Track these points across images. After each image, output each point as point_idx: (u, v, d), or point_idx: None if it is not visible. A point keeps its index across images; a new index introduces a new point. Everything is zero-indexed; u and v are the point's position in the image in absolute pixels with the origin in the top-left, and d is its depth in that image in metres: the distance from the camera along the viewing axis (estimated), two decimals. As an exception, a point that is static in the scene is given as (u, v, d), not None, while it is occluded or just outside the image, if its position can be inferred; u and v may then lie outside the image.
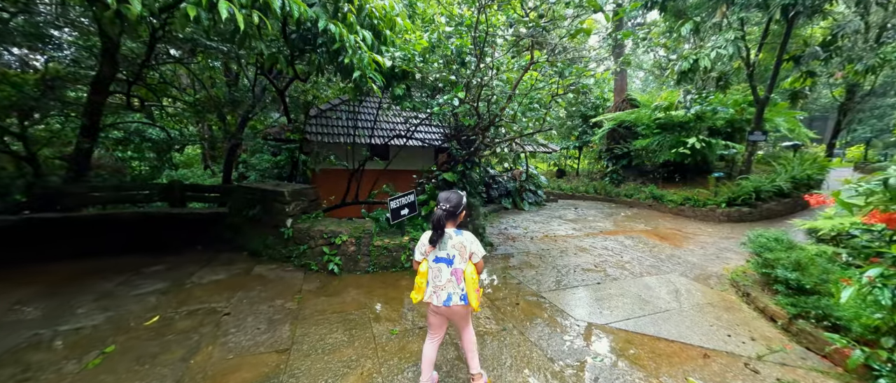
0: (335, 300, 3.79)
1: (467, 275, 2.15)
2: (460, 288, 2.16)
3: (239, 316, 3.36)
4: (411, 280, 4.48)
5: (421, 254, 2.25)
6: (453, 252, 2.17)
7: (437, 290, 2.18)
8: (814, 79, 8.93)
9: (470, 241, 2.20)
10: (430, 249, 2.20)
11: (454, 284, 2.16)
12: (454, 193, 2.28)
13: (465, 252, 2.18)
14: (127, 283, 4.10)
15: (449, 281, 2.17)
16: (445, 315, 2.25)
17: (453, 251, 2.17)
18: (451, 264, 2.17)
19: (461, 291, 2.16)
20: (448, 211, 2.19)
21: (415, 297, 2.26)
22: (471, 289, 2.16)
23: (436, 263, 2.19)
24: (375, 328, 3.24)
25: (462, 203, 2.25)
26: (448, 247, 2.17)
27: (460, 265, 2.17)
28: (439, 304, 2.17)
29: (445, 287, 2.16)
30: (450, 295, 2.16)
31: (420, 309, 3.66)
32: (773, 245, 4.14)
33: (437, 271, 2.19)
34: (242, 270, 4.59)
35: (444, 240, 2.17)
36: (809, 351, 3.05)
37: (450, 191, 2.30)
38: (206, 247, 5.57)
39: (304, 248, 4.65)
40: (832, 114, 22.83)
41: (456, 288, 2.16)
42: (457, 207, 2.21)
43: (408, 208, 5.17)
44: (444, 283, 2.17)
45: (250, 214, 5.11)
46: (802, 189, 8.86)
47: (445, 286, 2.16)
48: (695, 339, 3.23)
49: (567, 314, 3.66)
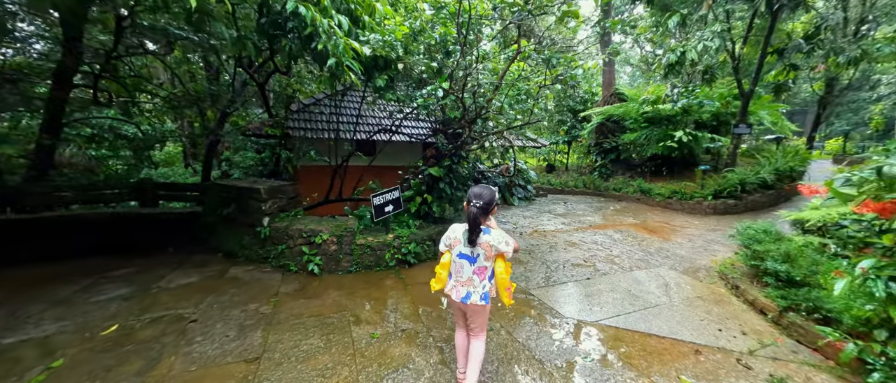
0: (314, 303, 3.58)
1: (498, 273, 2.13)
2: (482, 286, 2.14)
3: (207, 322, 3.13)
4: (396, 279, 4.31)
5: (445, 246, 2.24)
6: (479, 250, 2.11)
7: (457, 285, 2.18)
8: (796, 72, 9.03)
9: (498, 241, 2.11)
10: (457, 243, 2.17)
11: (476, 283, 2.14)
12: (486, 189, 2.16)
13: (491, 251, 2.11)
14: (88, 289, 3.81)
15: (469, 279, 2.14)
16: (462, 309, 2.23)
17: (479, 250, 2.11)
18: (473, 262, 2.13)
19: (482, 290, 2.14)
20: (481, 208, 2.08)
21: (434, 286, 2.23)
22: (501, 288, 2.13)
23: (459, 259, 2.16)
24: (355, 332, 3.05)
25: (494, 199, 2.15)
26: (475, 245, 2.11)
27: (485, 264, 2.13)
28: (458, 299, 2.16)
29: (466, 284, 2.15)
30: (469, 293, 2.14)
31: (403, 310, 3.49)
32: (762, 237, 4.11)
33: (459, 267, 2.17)
34: (216, 272, 4.33)
35: (464, 235, 2.13)
36: (801, 345, 2.99)
37: (481, 187, 2.17)
38: (180, 249, 5.27)
39: (283, 248, 4.42)
40: (811, 109, 23.47)
41: (477, 287, 2.14)
42: (489, 203, 2.11)
43: (392, 205, 4.97)
44: (464, 280, 2.16)
45: (225, 213, 4.83)
46: (785, 181, 8.99)
47: (466, 283, 2.15)
48: (686, 335, 3.15)
49: (556, 312, 3.54)
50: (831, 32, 7.81)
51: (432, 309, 3.50)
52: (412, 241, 4.79)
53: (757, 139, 14.44)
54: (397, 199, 5.07)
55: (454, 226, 2.22)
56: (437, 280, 2.23)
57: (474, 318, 2.22)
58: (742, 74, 8.94)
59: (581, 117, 13.92)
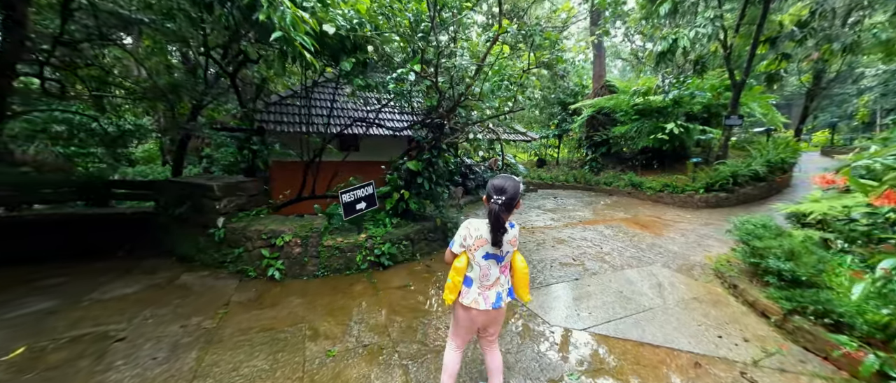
0: (268, 314, 3.16)
1: (518, 267, 1.90)
2: (507, 282, 1.92)
3: (136, 341, 2.68)
4: (368, 284, 3.90)
5: (461, 246, 1.85)
6: (507, 247, 1.84)
7: (485, 291, 1.86)
8: (788, 61, 8.82)
9: (518, 232, 1.90)
10: (482, 243, 1.81)
11: (502, 282, 1.90)
12: (508, 180, 1.79)
13: (516, 244, 1.89)
14: (6, 304, 3.31)
15: (497, 279, 1.88)
16: (491, 319, 1.94)
17: (507, 247, 1.84)
18: (501, 261, 1.86)
19: (507, 286, 1.93)
20: (504, 204, 1.75)
21: (448, 298, 1.88)
22: (524, 284, 1.92)
23: (486, 261, 1.83)
24: (309, 349, 2.64)
25: (519, 191, 1.81)
26: (505, 243, 1.82)
27: (507, 260, 1.90)
28: (487, 307, 1.85)
29: (494, 286, 1.88)
30: (498, 295, 1.88)
31: (370, 320, 3.09)
32: (761, 232, 3.81)
33: (486, 269, 1.85)
34: (164, 280, 3.86)
35: (489, 233, 1.81)
36: (809, 353, 2.69)
37: (503, 179, 1.81)
38: (131, 253, 4.77)
39: (240, 252, 3.97)
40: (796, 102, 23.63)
41: (504, 285, 1.91)
42: (513, 198, 1.77)
43: (365, 201, 4.55)
44: (492, 282, 1.87)
45: (177, 213, 4.35)
46: (777, 173, 8.83)
47: (494, 285, 1.88)
48: (683, 343, 2.83)
49: (541, 319, 3.19)
50: (824, 19, 7.58)
51: (403, 319, 3.11)
52: (387, 241, 4.38)
53: (746, 131, 14.36)
54: (371, 196, 4.65)
55: (473, 222, 1.85)
56: (450, 288, 1.86)
57: (495, 327, 2.00)
58: (733, 65, 8.70)
59: (571, 110, 13.62)
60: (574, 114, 13.53)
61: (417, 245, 4.78)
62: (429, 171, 4.98)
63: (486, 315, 1.87)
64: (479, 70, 4.06)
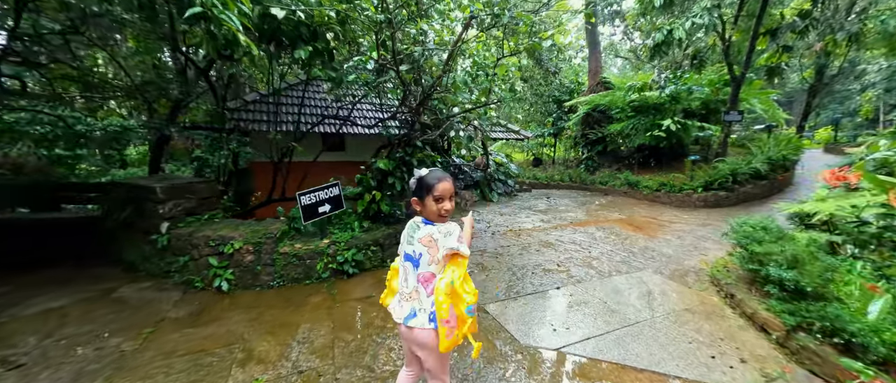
0: (202, 332, 2.80)
1: (438, 289, 1.40)
2: (430, 302, 1.46)
3: (32, 369, 2.32)
4: (326, 295, 3.54)
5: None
6: (420, 249, 1.49)
7: (401, 300, 1.57)
8: (789, 54, 8.42)
9: (444, 233, 1.46)
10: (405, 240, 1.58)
11: (421, 298, 1.50)
12: (434, 171, 1.54)
13: (436, 250, 1.46)
14: (-86, 321, 2.96)
15: (415, 291, 1.51)
16: (410, 339, 1.54)
17: (420, 248, 1.49)
18: (417, 266, 1.51)
19: (430, 308, 1.46)
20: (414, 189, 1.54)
21: (383, 300, 1.71)
22: (441, 313, 1.38)
23: (404, 261, 1.57)
24: (235, 376, 2.28)
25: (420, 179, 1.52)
26: (415, 240, 1.51)
27: (428, 269, 1.48)
28: (399, 321, 1.53)
29: (411, 299, 1.52)
30: (413, 311, 1.50)
31: (316, 339, 2.72)
32: (761, 235, 3.43)
33: (404, 273, 1.57)
34: (99, 292, 3.50)
35: (411, 230, 1.56)
36: (815, 377, 2.32)
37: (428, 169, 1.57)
38: (79, 261, 4.42)
39: (186, 260, 3.61)
40: (797, 98, 23.19)
41: (423, 304, 1.49)
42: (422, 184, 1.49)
43: (329, 204, 4.19)
44: (410, 292, 1.53)
45: (121, 218, 3.99)
46: (779, 171, 8.44)
47: (411, 298, 1.52)
48: (671, 365, 2.45)
49: (511, 336, 2.81)
50: (828, 8, 7.19)
51: (353, 338, 2.74)
52: (352, 247, 4.02)
53: (747, 128, 13.95)
54: (337, 198, 4.29)
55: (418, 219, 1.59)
56: (387, 291, 1.69)
57: (423, 354, 1.52)
58: (733, 59, 8.32)
59: (567, 107, 13.25)
60: (570, 111, 13.15)
61: (388, 250, 4.41)
62: (401, 171, 4.62)
63: (403, 331, 1.54)
64: (450, 58, 3.69)
